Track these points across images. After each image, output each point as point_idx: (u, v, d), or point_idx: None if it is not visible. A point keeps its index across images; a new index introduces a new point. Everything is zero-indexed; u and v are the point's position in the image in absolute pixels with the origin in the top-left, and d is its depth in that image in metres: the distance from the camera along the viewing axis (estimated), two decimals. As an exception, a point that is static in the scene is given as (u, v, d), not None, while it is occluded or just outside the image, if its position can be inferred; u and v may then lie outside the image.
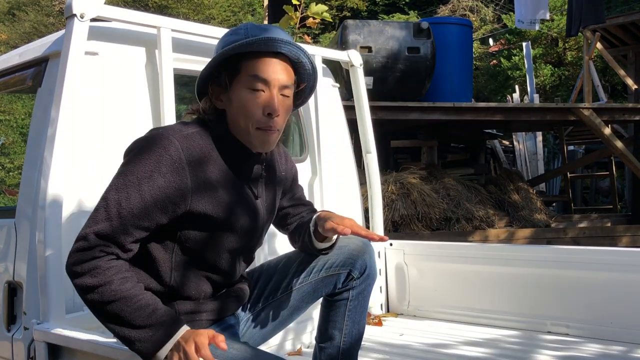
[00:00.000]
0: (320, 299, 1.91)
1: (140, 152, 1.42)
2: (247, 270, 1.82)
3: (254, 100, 1.48)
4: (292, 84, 1.55)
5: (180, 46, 2.28)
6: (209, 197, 1.47)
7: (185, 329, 1.35)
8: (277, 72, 1.50)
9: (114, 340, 1.52)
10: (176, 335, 1.32)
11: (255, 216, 1.62)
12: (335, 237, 1.74)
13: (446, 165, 7.23)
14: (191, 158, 1.44)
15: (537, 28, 9.14)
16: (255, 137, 1.51)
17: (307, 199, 1.95)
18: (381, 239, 1.60)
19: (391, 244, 3.15)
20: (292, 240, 1.88)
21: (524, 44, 13.37)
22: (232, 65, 1.49)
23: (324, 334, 1.90)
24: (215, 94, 1.52)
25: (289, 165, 1.83)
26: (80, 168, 2.02)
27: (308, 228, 1.73)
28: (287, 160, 1.82)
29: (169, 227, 1.46)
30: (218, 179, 1.50)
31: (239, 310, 1.77)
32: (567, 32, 8.24)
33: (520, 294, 2.81)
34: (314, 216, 1.73)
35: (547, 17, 8.84)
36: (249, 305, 1.80)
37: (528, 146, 10.59)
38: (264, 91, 1.48)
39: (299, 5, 4.91)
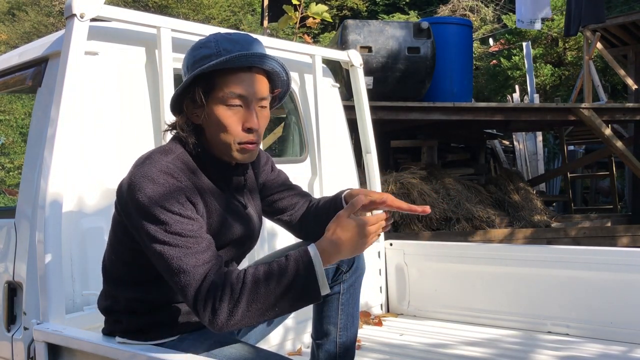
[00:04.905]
0: None
1: (144, 198, 1.36)
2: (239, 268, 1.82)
3: (232, 116, 1.46)
4: (269, 94, 1.52)
5: (180, 46, 2.28)
6: (208, 218, 1.47)
7: (313, 250, 1.36)
8: (254, 86, 1.46)
9: (114, 340, 1.53)
10: (314, 262, 1.34)
11: (249, 226, 1.62)
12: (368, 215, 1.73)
13: (446, 165, 7.22)
14: (185, 181, 1.43)
15: (538, 27, 9.13)
16: (237, 152, 1.49)
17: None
18: (423, 211, 1.54)
19: (391, 244, 3.15)
20: (305, 229, 1.82)
21: (524, 44, 13.36)
22: (206, 81, 1.45)
23: (319, 330, 1.91)
24: (191, 110, 1.49)
25: (260, 158, 1.80)
26: (80, 168, 2.02)
27: (341, 207, 1.68)
28: (258, 156, 1.78)
29: None
30: (210, 199, 1.49)
31: None
32: (565, 32, 8.22)
33: (520, 294, 2.81)
34: (343, 195, 1.71)
35: (550, 15, 8.81)
36: None
37: (528, 146, 10.59)
38: (241, 106, 1.46)
39: (299, 5, 4.92)
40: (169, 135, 1.58)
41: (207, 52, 1.45)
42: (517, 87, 12.73)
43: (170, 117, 2.14)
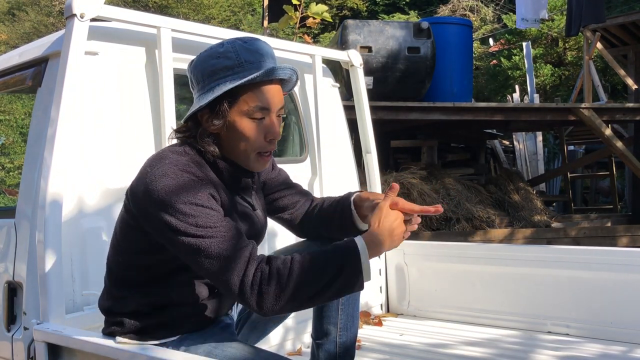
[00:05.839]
0: None
1: (167, 196, 1.36)
2: None
3: (255, 128, 1.47)
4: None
5: (180, 46, 2.28)
6: None
7: (360, 241, 1.40)
8: (275, 98, 1.49)
9: (114, 340, 1.53)
10: (361, 253, 1.38)
11: (256, 225, 1.63)
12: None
13: (446, 165, 7.22)
14: (203, 177, 1.43)
15: (538, 26, 9.14)
16: (255, 161, 1.51)
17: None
18: (437, 210, 1.54)
19: (391, 244, 3.15)
20: (306, 229, 1.83)
21: (524, 44, 13.37)
22: (231, 93, 1.45)
23: (319, 330, 1.92)
24: (208, 120, 1.47)
25: None
26: (80, 168, 2.02)
27: (349, 211, 1.69)
28: None
29: None
30: (221, 196, 1.49)
31: (232, 311, 1.78)
32: (566, 32, 8.24)
33: (520, 294, 2.81)
34: (352, 198, 1.71)
35: (547, 16, 8.81)
36: (239, 305, 1.80)
37: (528, 146, 10.59)
38: (264, 118, 1.48)
39: (299, 5, 4.91)
40: (173, 140, 1.57)
41: (229, 63, 1.44)
42: (517, 87, 12.73)
43: (170, 119, 2.16)
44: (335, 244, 1.43)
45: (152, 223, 1.40)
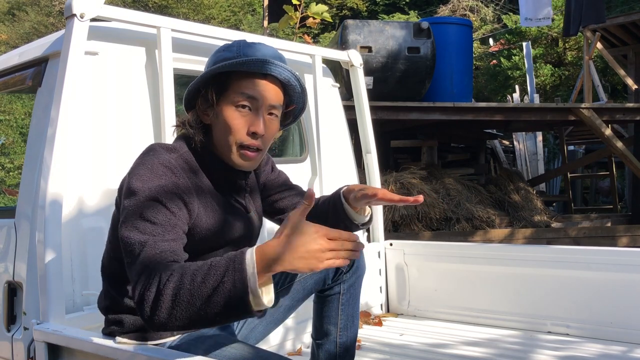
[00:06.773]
0: (312, 296, 1.92)
1: (136, 184, 1.35)
2: None
3: (239, 118, 1.46)
4: (281, 105, 1.53)
5: (180, 46, 2.28)
6: (205, 217, 1.47)
7: (250, 253, 1.14)
8: (266, 91, 1.47)
9: (114, 340, 1.52)
10: (247, 267, 1.11)
11: (248, 227, 1.62)
12: (368, 211, 1.72)
13: (446, 165, 7.23)
14: (183, 179, 1.42)
15: (549, 24, 9.12)
16: (237, 156, 1.49)
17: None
18: (415, 200, 1.48)
19: (391, 244, 3.15)
20: None
21: (524, 44, 13.39)
22: (221, 81, 1.47)
23: (319, 330, 1.92)
24: (202, 109, 1.50)
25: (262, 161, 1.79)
26: (80, 168, 2.02)
27: (341, 204, 1.67)
28: None
29: None
30: (209, 199, 1.49)
31: None
32: (565, 32, 8.24)
33: (520, 294, 2.81)
34: (342, 191, 1.69)
35: (551, 15, 8.80)
36: None
37: (528, 146, 10.59)
38: (250, 109, 1.47)
39: (299, 5, 4.91)
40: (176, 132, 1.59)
41: (228, 55, 1.48)
42: (517, 87, 12.73)
43: (170, 119, 2.16)
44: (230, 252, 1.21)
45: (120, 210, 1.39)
